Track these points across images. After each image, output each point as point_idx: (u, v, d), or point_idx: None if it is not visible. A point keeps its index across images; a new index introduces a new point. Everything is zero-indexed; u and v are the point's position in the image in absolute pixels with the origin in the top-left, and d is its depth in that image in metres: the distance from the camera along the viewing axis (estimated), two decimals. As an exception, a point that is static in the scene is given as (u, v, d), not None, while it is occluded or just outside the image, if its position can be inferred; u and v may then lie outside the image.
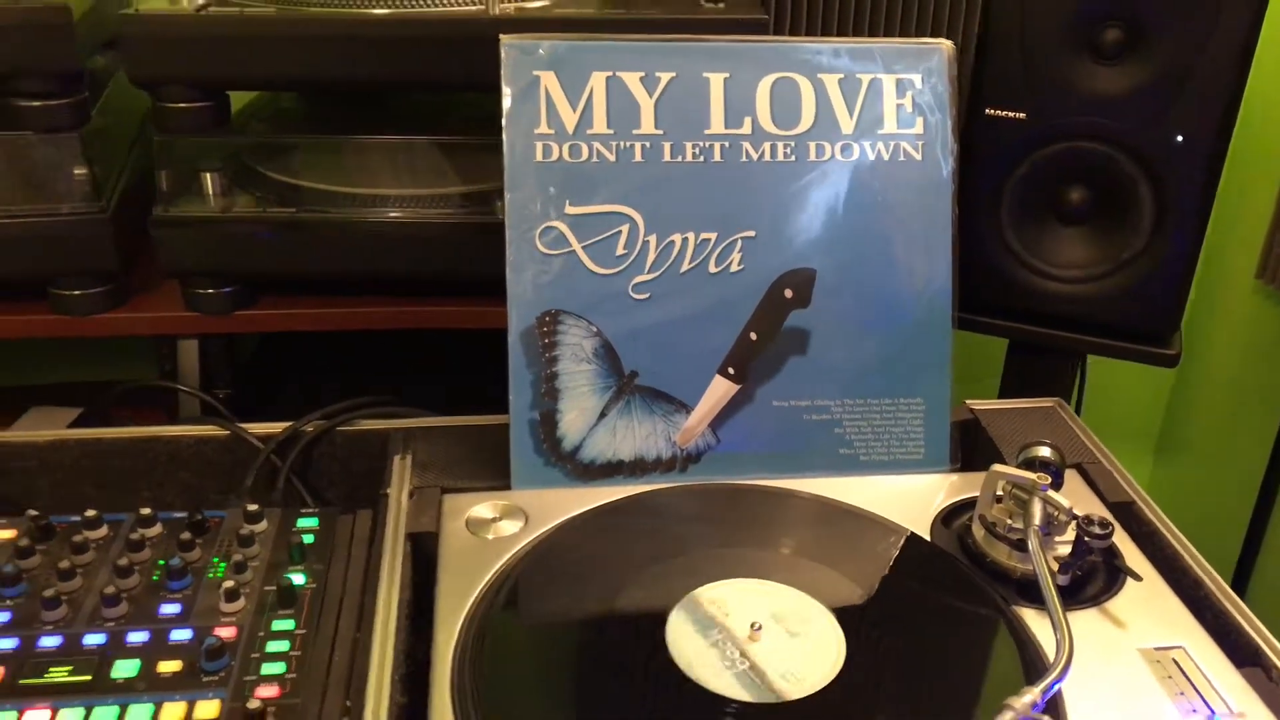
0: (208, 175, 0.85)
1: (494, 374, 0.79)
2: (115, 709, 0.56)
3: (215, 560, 0.68)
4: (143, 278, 0.94)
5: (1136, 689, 0.59)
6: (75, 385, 1.03)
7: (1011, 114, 0.88)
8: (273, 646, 0.61)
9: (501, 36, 0.74)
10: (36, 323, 0.87)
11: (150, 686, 0.58)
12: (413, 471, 0.76)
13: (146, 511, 0.70)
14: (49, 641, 0.61)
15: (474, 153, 0.87)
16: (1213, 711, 0.57)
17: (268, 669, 0.59)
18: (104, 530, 0.69)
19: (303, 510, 0.72)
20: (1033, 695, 0.54)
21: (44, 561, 0.67)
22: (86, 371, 1.12)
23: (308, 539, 0.69)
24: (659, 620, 0.61)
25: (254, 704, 0.55)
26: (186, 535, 0.67)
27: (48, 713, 0.56)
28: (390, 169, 0.87)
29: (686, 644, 0.60)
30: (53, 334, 0.87)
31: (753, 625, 0.61)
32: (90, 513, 0.69)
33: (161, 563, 0.67)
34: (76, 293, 0.86)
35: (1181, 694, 0.59)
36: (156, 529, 0.69)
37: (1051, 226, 0.93)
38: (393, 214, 0.86)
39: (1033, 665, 0.60)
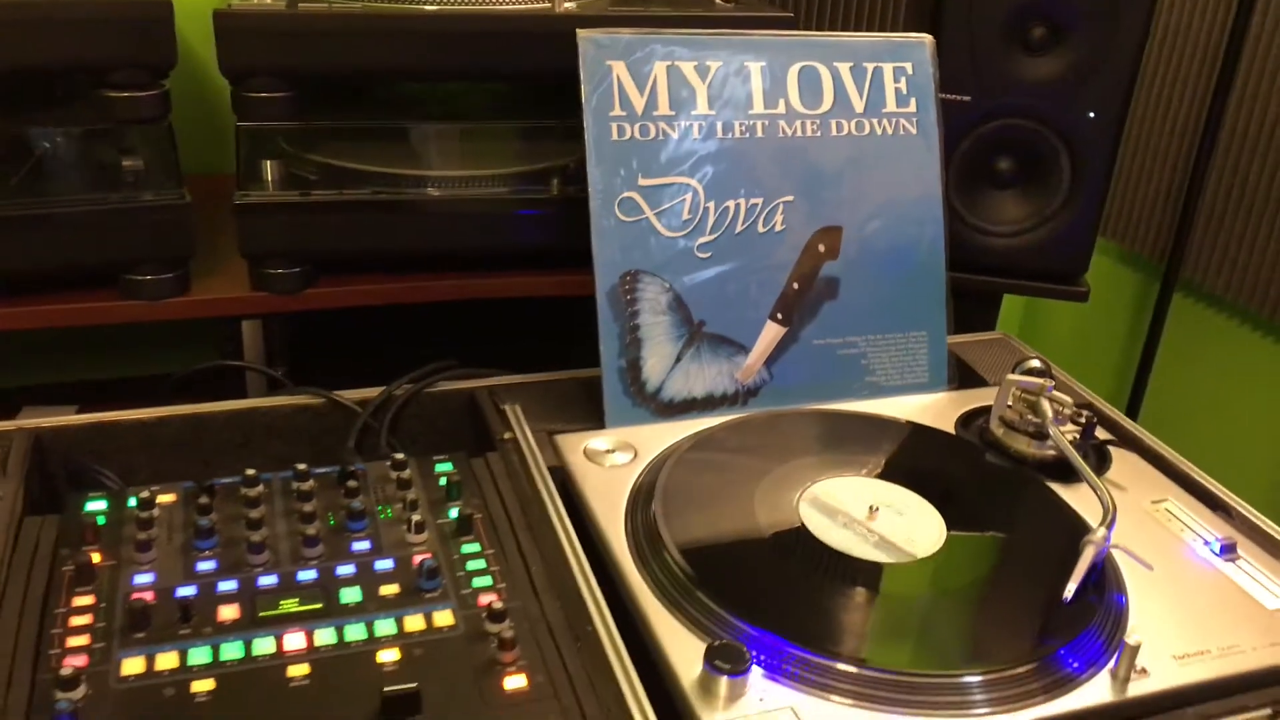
0: (286, 161, 0.89)
1: (540, 338, 0.88)
2: (362, 625, 0.63)
3: (379, 504, 0.74)
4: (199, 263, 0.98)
5: (1155, 533, 0.76)
6: (127, 380, 1.03)
7: (959, 97, 1.06)
8: (471, 566, 0.69)
9: (579, 31, 0.84)
10: (112, 309, 0.88)
11: (380, 607, 0.65)
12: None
13: (302, 467, 0.75)
14: (266, 580, 0.67)
15: (530, 135, 0.96)
16: (1220, 539, 0.75)
17: (477, 582, 0.68)
18: (261, 487, 0.74)
19: (435, 457, 0.80)
20: (1103, 531, 0.70)
21: (221, 517, 0.71)
22: (131, 364, 1.11)
23: (453, 479, 0.77)
24: (793, 510, 0.74)
25: (496, 605, 0.63)
26: (352, 484, 0.74)
27: (302, 634, 0.62)
28: (452, 152, 0.94)
29: (822, 527, 0.73)
30: (128, 319, 0.88)
31: (870, 508, 0.75)
32: (250, 472, 0.74)
33: (330, 510, 0.73)
34: (150, 278, 0.89)
35: (1185, 531, 0.77)
36: (310, 483, 0.75)
37: (987, 191, 1.12)
38: (456, 193, 0.93)
39: (1074, 520, 0.76)
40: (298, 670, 0.60)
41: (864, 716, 0.59)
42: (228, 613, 0.64)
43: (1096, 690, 0.62)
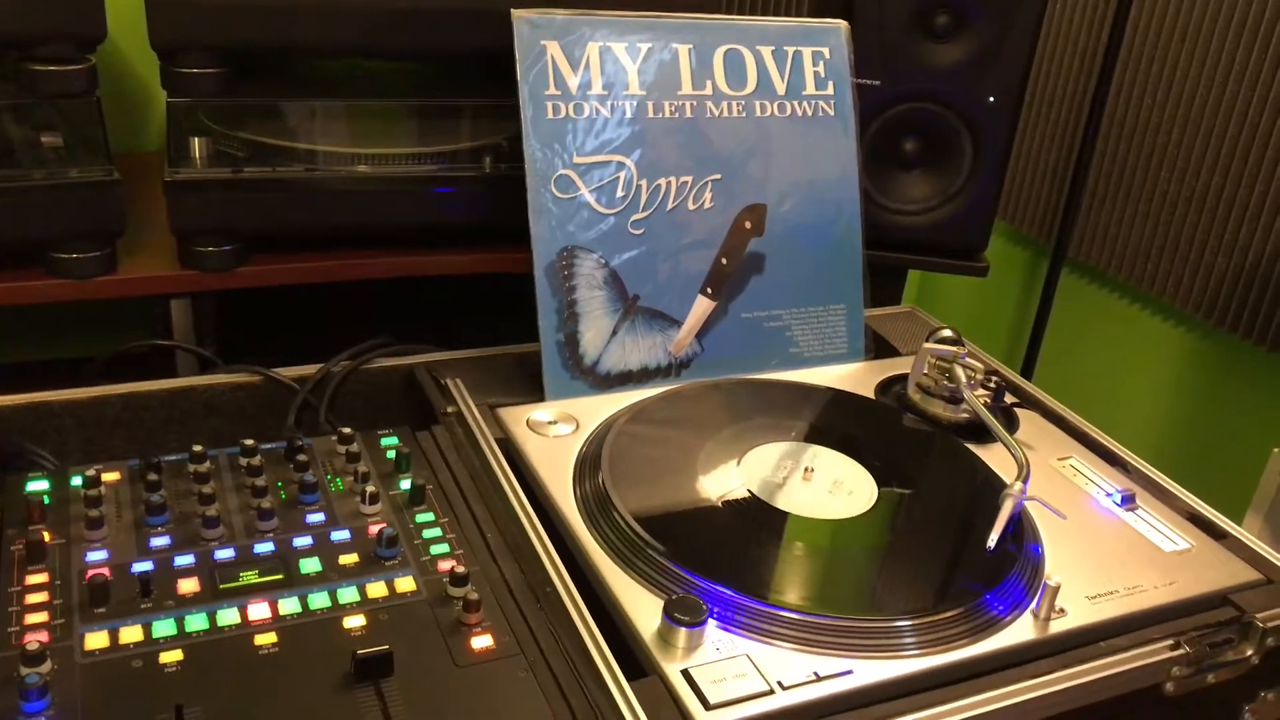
0: (217, 138, 0.88)
1: (469, 315, 0.90)
2: (325, 593, 0.65)
3: (329, 477, 0.75)
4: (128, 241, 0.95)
5: (1062, 486, 0.83)
6: (53, 362, 1.00)
7: (870, 81, 1.11)
8: (428, 534, 0.71)
9: (514, 11, 0.85)
10: (39, 288, 0.86)
11: (341, 576, 0.66)
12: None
13: (249, 443, 0.76)
14: (224, 554, 0.67)
15: (464, 113, 0.96)
16: (1121, 490, 0.81)
17: (435, 550, 0.69)
18: (209, 464, 0.74)
19: (379, 431, 0.81)
20: (1020, 485, 0.76)
21: (171, 493, 0.71)
22: (58, 346, 1.08)
23: (401, 452, 0.78)
24: (734, 473, 0.77)
25: (458, 569, 0.65)
26: (302, 458, 0.75)
27: (266, 604, 0.63)
28: (385, 130, 0.94)
29: (763, 488, 0.76)
30: (55, 298, 0.86)
31: (806, 469, 0.79)
32: (197, 448, 0.74)
33: (280, 484, 0.74)
34: (78, 256, 0.87)
35: (1089, 484, 0.83)
36: (258, 459, 0.75)
37: (894, 172, 1.17)
38: (389, 171, 0.94)
39: (991, 476, 0.82)
40: (265, 638, 0.61)
41: (809, 660, 0.63)
42: (188, 586, 0.64)
43: (1020, 630, 0.67)
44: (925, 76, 1.11)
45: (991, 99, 1.11)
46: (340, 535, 0.70)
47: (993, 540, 0.71)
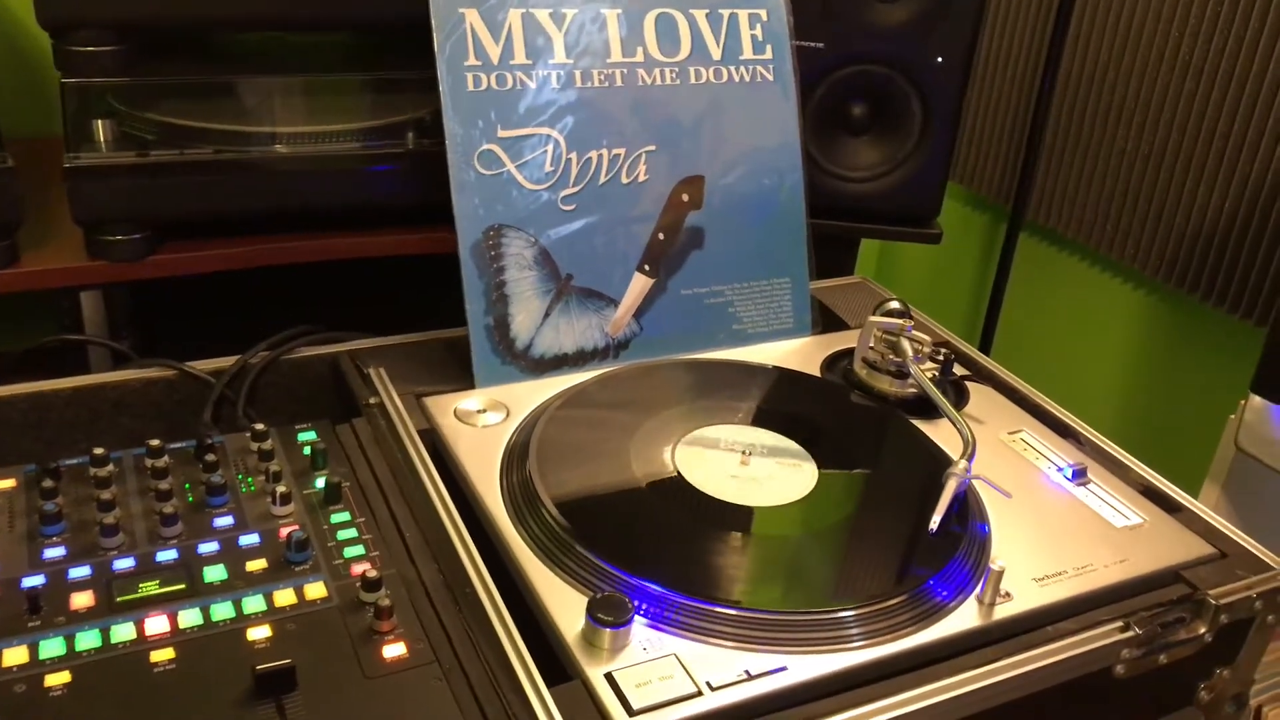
0: (120, 120, 0.83)
1: (404, 298, 0.86)
2: (229, 603, 0.61)
3: (240, 476, 0.71)
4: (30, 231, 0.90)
5: (1012, 462, 0.80)
6: None
7: (812, 44, 1.07)
8: (342, 535, 0.67)
9: (428, -23, 0.81)
10: (-69, 284, 0.81)
11: (248, 583, 0.63)
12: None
13: (155, 443, 0.71)
14: (123, 564, 0.63)
15: (383, 87, 0.92)
16: (1072, 465, 0.78)
17: (349, 552, 0.66)
18: (111, 467, 0.70)
19: (297, 426, 0.77)
20: (963, 464, 0.73)
21: (69, 500, 0.67)
22: None
23: (318, 448, 0.74)
24: (668, 459, 0.74)
25: (370, 573, 0.62)
26: (211, 458, 0.71)
27: (165, 617, 0.60)
28: (300, 107, 0.89)
29: (698, 475, 0.73)
30: (-50, 295, 0.82)
31: (743, 453, 0.75)
32: (98, 450, 0.70)
33: (188, 485, 0.70)
34: (-29, 250, 0.82)
35: (1040, 459, 0.80)
36: (164, 460, 0.71)
37: (843, 137, 1.13)
38: (305, 150, 0.89)
39: (938, 454, 0.79)
40: (161, 655, 0.57)
41: (746, 658, 0.60)
42: (81, 600, 0.60)
43: (964, 616, 0.64)
44: (870, 37, 1.07)
45: (940, 59, 1.07)
46: (249, 539, 0.66)
47: (935, 523, 0.68)
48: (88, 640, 0.57)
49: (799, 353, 0.94)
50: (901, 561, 0.68)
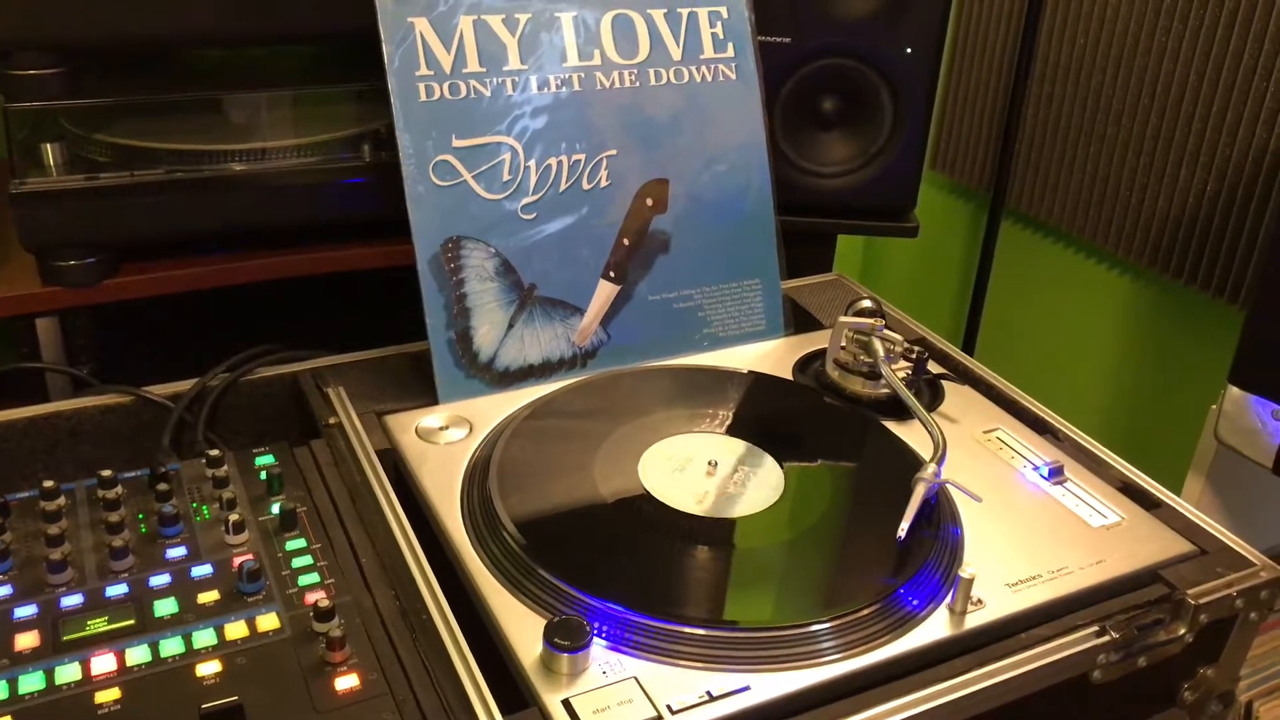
0: (70, 143, 0.81)
1: (369, 313, 0.84)
2: (178, 638, 0.59)
3: (195, 505, 0.70)
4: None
5: (987, 462, 0.78)
6: None
7: (779, 39, 1.05)
8: (297, 563, 0.66)
9: (375, -13, 0.79)
10: (-120, 317, 0.80)
11: (199, 617, 0.61)
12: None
13: (107, 473, 0.70)
14: (70, 601, 0.62)
15: (335, 101, 0.90)
16: (1049, 463, 0.77)
17: (304, 580, 0.64)
18: (62, 499, 0.69)
19: (254, 450, 0.75)
20: (933, 468, 0.71)
21: (17, 535, 0.66)
22: None
23: (274, 472, 0.72)
24: (633, 473, 0.73)
25: (324, 602, 0.60)
26: (163, 487, 0.69)
27: (112, 655, 0.58)
28: (252, 123, 0.88)
29: (661, 488, 0.71)
30: (-100, 327, 0.80)
31: (709, 463, 0.74)
32: (48, 483, 0.68)
33: (141, 516, 0.68)
34: (-80, 280, 0.80)
35: (1015, 458, 0.79)
36: (117, 490, 0.70)
37: (813, 132, 1.12)
38: (259, 167, 0.87)
39: (910, 457, 0.77)
40: (106, 695, 0.55)
41: (710, 677, 0.58)
42: (26, 641, 0.59)
43: (936, 626, 0.63)
44: (836, 30, 1.05)
45: (909, 49, 1.05)
46: (201, 571, 0.64)
47: (903, 530, 0.67)
48: (31, 683, 0.56)
49: (772, 355, 0.92)
50: (872, 571, 0.66)
